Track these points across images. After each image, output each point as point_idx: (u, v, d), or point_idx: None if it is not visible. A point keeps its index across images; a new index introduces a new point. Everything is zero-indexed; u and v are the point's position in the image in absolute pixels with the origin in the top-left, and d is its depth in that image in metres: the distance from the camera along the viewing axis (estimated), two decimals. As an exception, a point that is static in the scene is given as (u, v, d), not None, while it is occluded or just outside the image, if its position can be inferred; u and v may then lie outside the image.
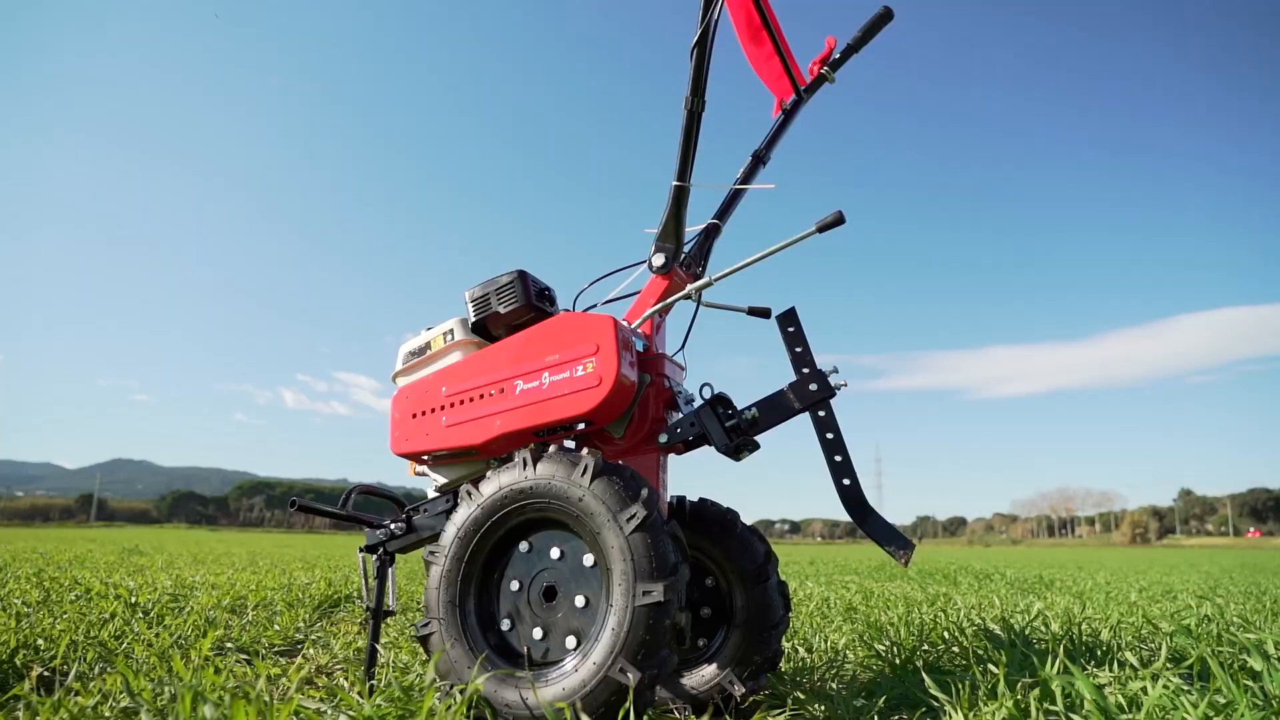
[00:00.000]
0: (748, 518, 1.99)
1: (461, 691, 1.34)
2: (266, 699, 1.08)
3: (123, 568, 5.71)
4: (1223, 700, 1.18)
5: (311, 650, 2.29)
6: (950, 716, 1.22)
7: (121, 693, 1.37)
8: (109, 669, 1.80)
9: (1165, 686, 1.25)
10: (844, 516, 1.71)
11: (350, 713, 1.24)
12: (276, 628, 2.62)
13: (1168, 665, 1.49)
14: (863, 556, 15.56)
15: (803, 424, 1.72)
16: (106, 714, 1.30)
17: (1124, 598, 4.47)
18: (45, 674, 1.77)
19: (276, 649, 2.36)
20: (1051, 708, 1.19)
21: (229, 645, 2.26)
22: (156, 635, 2.25)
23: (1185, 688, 1.27)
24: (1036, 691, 1.26)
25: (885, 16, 2.31)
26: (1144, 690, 1.24)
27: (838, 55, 2.31)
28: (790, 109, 2.27)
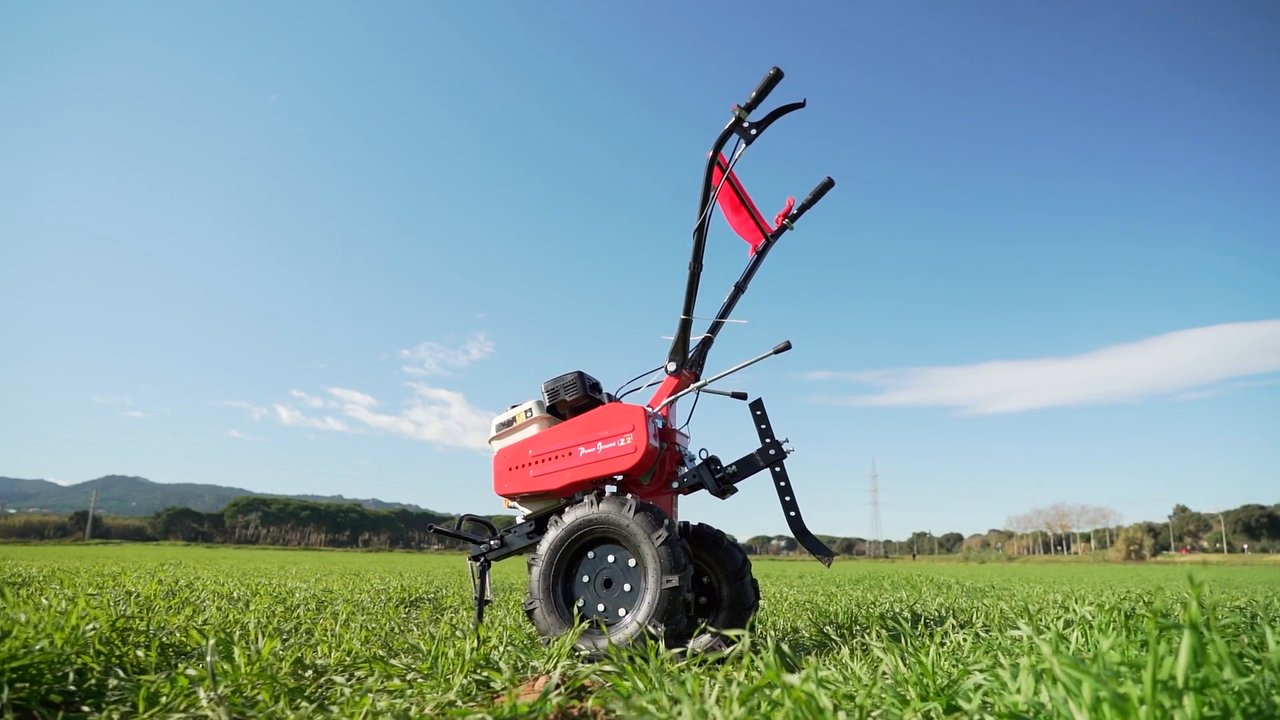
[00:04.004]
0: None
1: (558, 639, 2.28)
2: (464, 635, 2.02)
3: (198, 578, 6.59)
4: (996, 640, 2.12)
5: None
6: (840, 645, 2.17)
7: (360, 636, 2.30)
8: (308, 636, 2.73)
9: (962, 635, 2.19)
10: (836, 534, 2.68)
11: (510, 642, 2.18)
12: (384, 618, 3.56)
13: (973, 624, 2.44)
14: (850, 571, 16.47)
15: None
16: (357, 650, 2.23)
17: (1044, 599, 5.41)
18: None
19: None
20: (894, 642, 2.13)
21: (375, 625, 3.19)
22: (320, 617, 3.20)
23: (980, 634, 2.22)
24: (899, 643, 2.19)
25: (828, 185, 3.33)
26: (950, 635, 2.18)
27: (795, 211, 3.31)
28: (761, 250, 3.26)
